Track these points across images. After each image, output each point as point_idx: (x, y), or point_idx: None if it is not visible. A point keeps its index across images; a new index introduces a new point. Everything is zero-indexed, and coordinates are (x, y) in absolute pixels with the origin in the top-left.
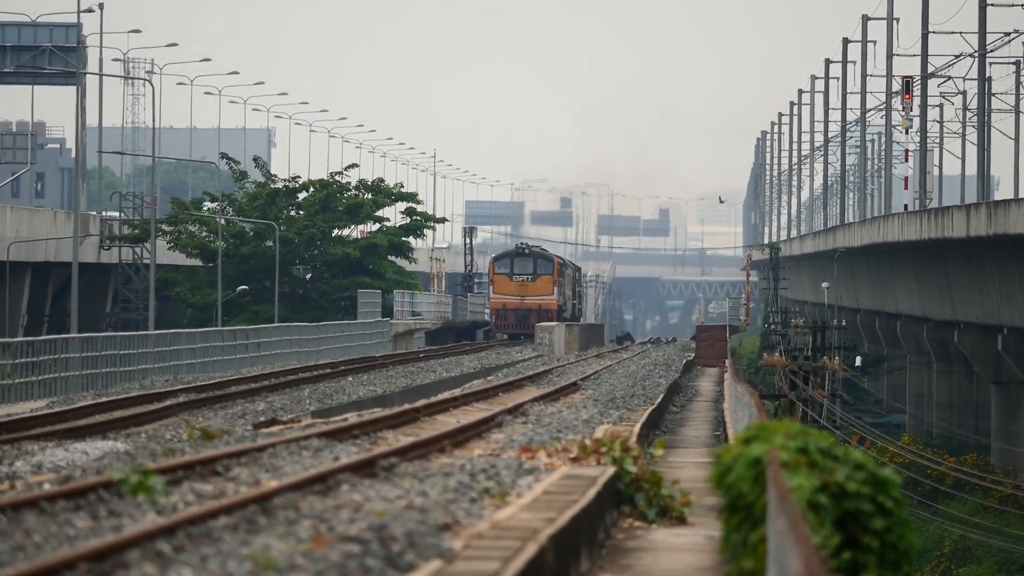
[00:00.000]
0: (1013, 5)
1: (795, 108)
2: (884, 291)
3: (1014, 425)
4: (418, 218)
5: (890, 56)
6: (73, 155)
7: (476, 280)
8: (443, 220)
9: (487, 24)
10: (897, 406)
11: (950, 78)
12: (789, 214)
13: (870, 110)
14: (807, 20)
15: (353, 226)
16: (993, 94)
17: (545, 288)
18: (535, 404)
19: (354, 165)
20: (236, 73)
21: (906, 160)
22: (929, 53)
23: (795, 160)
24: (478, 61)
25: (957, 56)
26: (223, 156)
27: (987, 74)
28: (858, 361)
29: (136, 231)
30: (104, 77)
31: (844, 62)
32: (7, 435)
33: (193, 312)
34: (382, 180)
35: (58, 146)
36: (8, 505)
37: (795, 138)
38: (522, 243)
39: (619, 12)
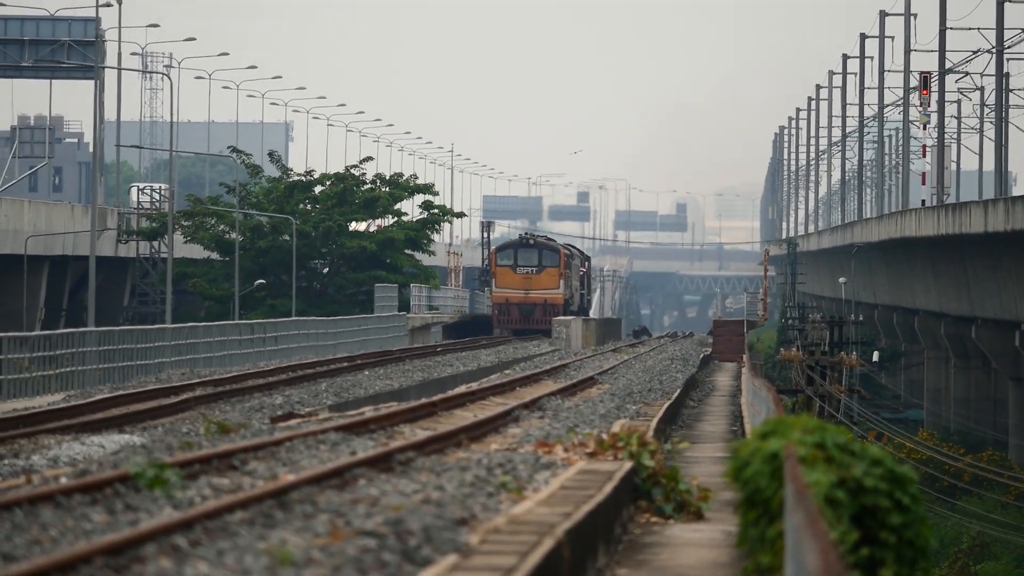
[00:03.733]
0: None
1: (813, 103)
2: (902, 286)
3: None
4: (436, 211)
5: (907, 52)
6: (91, 149)
7: None
8: (461, 214)
9: (506, 18)
10: (914, 402)
11: (968, 74)
12: (807, 209)
13: (887, 106)
14: (825, 15)
15: (370, 220)
16: (1011, 90)
17: (551, 281)
18: (552, 398)
19: (369, 158)
20: (254, 67)
21: (924, 156)
22: (947, 49)
23: (813, 155)
24: (497, 56)
25: (975, 52)
26: (232, 149)
27: (1005, 70)
28: (875, 356)
29: (154, 224)
30: (122, 71)
31: (862, 57)
32: (24, 429)
33: (210, 306)
34: (400, 175)
35: (76, 140)
36: (24, 499)
37: (813, 133)
38: (526, 233)
39: (636, 6)
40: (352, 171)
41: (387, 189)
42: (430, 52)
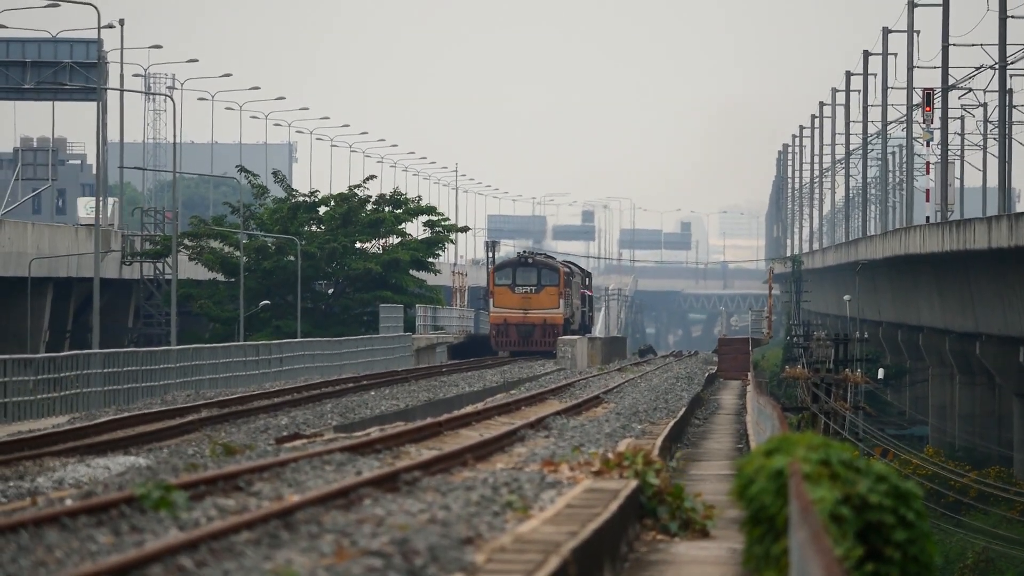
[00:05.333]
0: None
1: (816, 121)
2: (906, 303)
3: None
4: (440, 230)
5: (911, 68)
6: (94, 171)
7: None
8: (465, 229)
9: (507, 37)
10: (919, 418)
11: (971, 90)
12: (811, 227)
13: (891, 123)
14: (828, 33)
15: (375, 240)
16: (1014, 106)
17: (550, 301)
18: (557, 417)
19: (372, 177)
20: (257, 88)
21: (927, 172)
22: (950, 65)
23: (817, 172)
24: (499, 75)
25: (978, 68)
26: (241, 169)
27: (1008, 86)
28: (880, 373)
29: (158, 247)
30: (125, 93)
31: (865, 75)
32: (29, 451)
33: (215, 327)
34: (400, 193)
35: (79, 162)
36: (30, 521)
37: (817, 150)
38: (525, 251)
39: (643, 23)
40: (355, 190)
41: (390, 209)
42: (432, 72)
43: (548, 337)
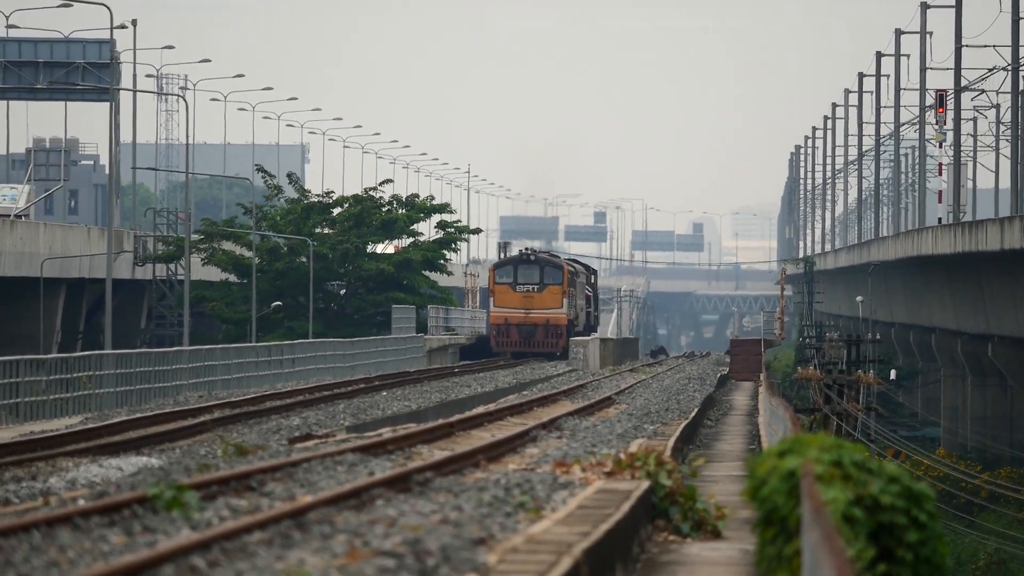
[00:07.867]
0: None
1: (829, 122)
2: (918, 304)
3: None
4: (452, 230)
5: (923, 70)
6: (107, 171)
7: None
8: (477, 231)
9: (519, 41)
10: (931, 419)
11: (983, 91)
12: (823, 228)
13: (904, 124)
14: (841, 35)
15: (387, 241)
16: None
17: (553, 300)
18: (569, 418)
19: (388, 180)
20: (270, 89)
21: (940, 174)
22: (962, 67)
23: (829, 174)
24: (509, 76)
25: (990, 69)
26: (259, 169)
27: (1020, 87)
28: (892, 375)
29: (171, 248)
30: (137, 93)
31: (878, 76)
32: (42, 451)
33: (227, 328)
34: (416, 196)
35: (92, 163)
36: (43, 521)
37: (829, 152)
38: (527, 249)
39: (657, 26)
40: (371, 193)
41: (404, 211)
42: (443, 74)
43: (551, 338)
